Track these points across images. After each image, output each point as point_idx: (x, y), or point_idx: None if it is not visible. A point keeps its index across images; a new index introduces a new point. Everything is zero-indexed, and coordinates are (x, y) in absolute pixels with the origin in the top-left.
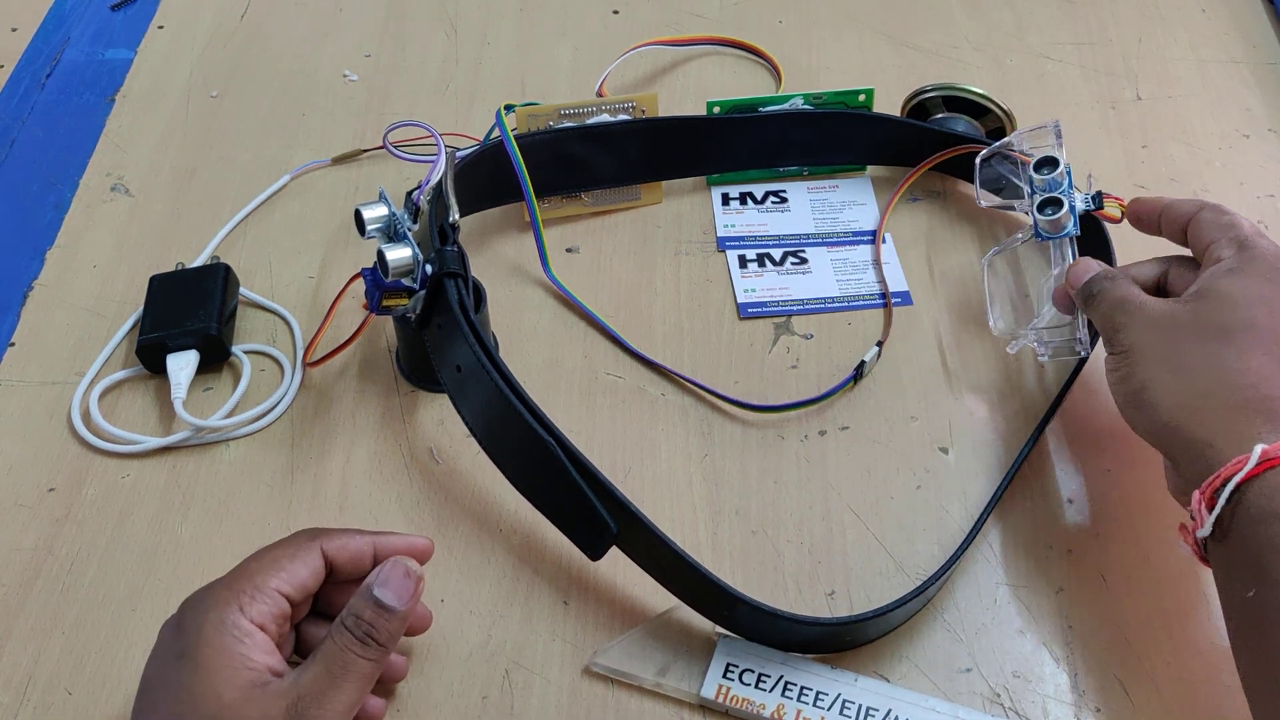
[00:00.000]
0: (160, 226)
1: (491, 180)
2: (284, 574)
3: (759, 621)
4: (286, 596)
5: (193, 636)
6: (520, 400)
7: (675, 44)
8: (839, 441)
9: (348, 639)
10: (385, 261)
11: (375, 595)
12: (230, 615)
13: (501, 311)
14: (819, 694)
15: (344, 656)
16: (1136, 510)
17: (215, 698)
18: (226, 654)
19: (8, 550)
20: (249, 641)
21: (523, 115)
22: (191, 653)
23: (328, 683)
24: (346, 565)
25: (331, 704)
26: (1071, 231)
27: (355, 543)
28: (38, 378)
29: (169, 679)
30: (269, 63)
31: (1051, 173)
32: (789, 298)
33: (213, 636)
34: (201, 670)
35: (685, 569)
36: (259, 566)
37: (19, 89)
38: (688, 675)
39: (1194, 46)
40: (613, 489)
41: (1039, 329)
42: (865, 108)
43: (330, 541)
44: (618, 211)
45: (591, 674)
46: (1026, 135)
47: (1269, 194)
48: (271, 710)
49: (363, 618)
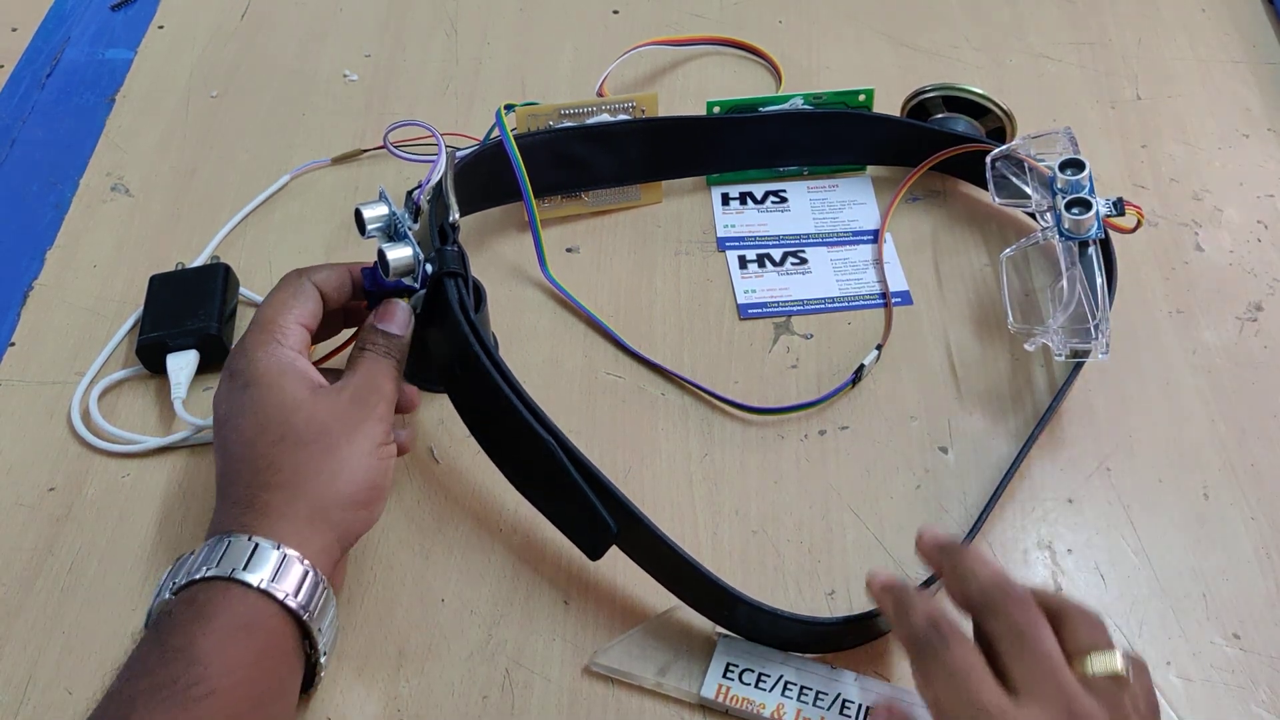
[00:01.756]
0: (160, 226)
1: (491, 180)
2: (295, 310)
3: (759, 621)
4: (304, 326)
5: (251, 370)
6: (520, 399)
7: (676, 44)
8: (839, 441)
9: (371, 351)
10: (386, 261)
11: (380, 328)
12: (272, 348)
13: (501, 311)
14: (819, 694)
15: (373, 359)
16: (1136, 509)
17: (287, 401)
18: (286, 371)
19: (8, 550)
20: (299, 362)
21: (523, 115)
22: (255, 379)
23: (370, 375)
24: (333, 293)
25: (379, 389)
26: (1095, 233)
27: (337, 272)
28: (38, 377)
29: (242, 404)
30: (269, 63)
31: (1078, 174)
32: (789, 298)
33: (269, 365)
34: (269, 387)
35: (686, 569)
36: (273, 312)
37: (19, 89)
38: (688, 675)
39: (1194, 46)
40: (613, 489)
41: (1057, 327)
42: (865, 108)
43: (316, 275)
44: (618, 211)
45: (591, 674)
46: (1034, 140)
47: (1269, 194)
48: (336, 401)
49: (378, 340)
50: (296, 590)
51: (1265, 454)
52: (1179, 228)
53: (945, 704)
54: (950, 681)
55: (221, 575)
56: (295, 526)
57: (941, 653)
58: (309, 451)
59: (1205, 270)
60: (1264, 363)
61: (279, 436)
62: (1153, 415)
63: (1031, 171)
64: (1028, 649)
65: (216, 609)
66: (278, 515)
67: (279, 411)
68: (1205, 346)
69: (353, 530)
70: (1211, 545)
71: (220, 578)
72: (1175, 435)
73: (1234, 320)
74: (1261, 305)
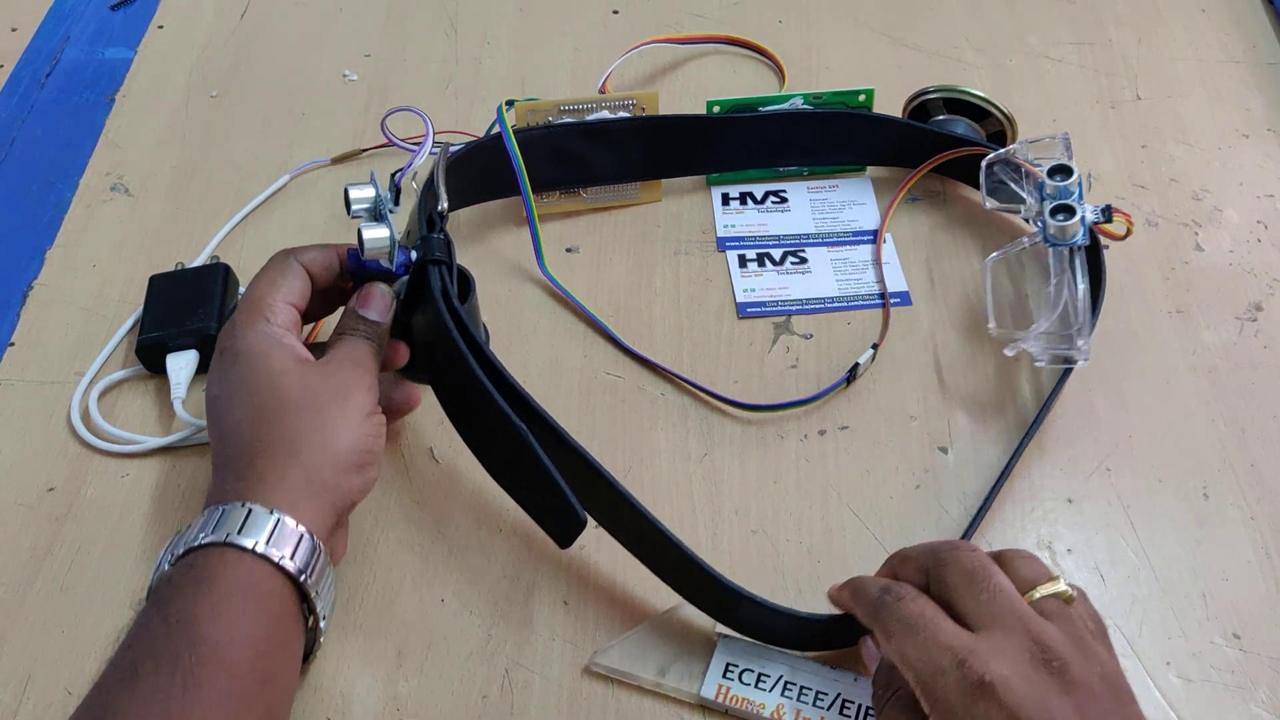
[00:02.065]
0: (160, 226)
1: (489, 173)
2: (284, 289)
3: (761, 617)
4: (293, 305)
5: (240, 345)
6: (496, 386)
7: (680, 42)
8: (839, 441)
9: (351, 335)
10: (362, 239)
11: (360, 314)
12: (260, 325)
13: (501, 309)
14: (819, 694)
15: (352, 341)
16: (1136, 509)
17: (276, 372)
18: (274, 346)
19: (8, 550)
20: (286, 338)
21: (523, 110)
22: (244, 354)
23: (351, 352)
24: (321, 273)
25: (361, 363)
26: (1080, 240)
27: (325, 253)
28: (37, 377)
29: (232, 380)
30: (269, 63)
31: (1066, 180)
32: (788, 297)
33: (257, 340)
34: (256, 359)
35: (689, 565)
36: (261, 291)
37: (19, 89)
38: (688, 675)
39: (1194, 46)
40: (597, 465)
41: (1038, 334)
42: (865, 108)
43: (303, 255)
44: (617, 209)
45: (591, 674)
46: (1032, 145)
47: (1269, 194)
48: (324, 371)
49: (357, 325)
50: (293, 553)
51: (1265, 454)
52: (1179, 228)
53: (911, 655)
54: (910, 630)
55: (218, 541)
56: (289, 492)
57: (896, 607)
58: (300, 418)
59: (1205, 270)
60: (1264, 363)
61: (269, 406)
62: (1153, 415)
63: (1028, 176)
64: (980, 585)
65: (214, 574)
66: (273, 481)
67: (269, 382)
68: (1205, 346)
69: (348, 495)
70: (1211, 545)
71: (216, 543)
72: (1175, 435)
73: (1234, 320)
74: (1261, 305)
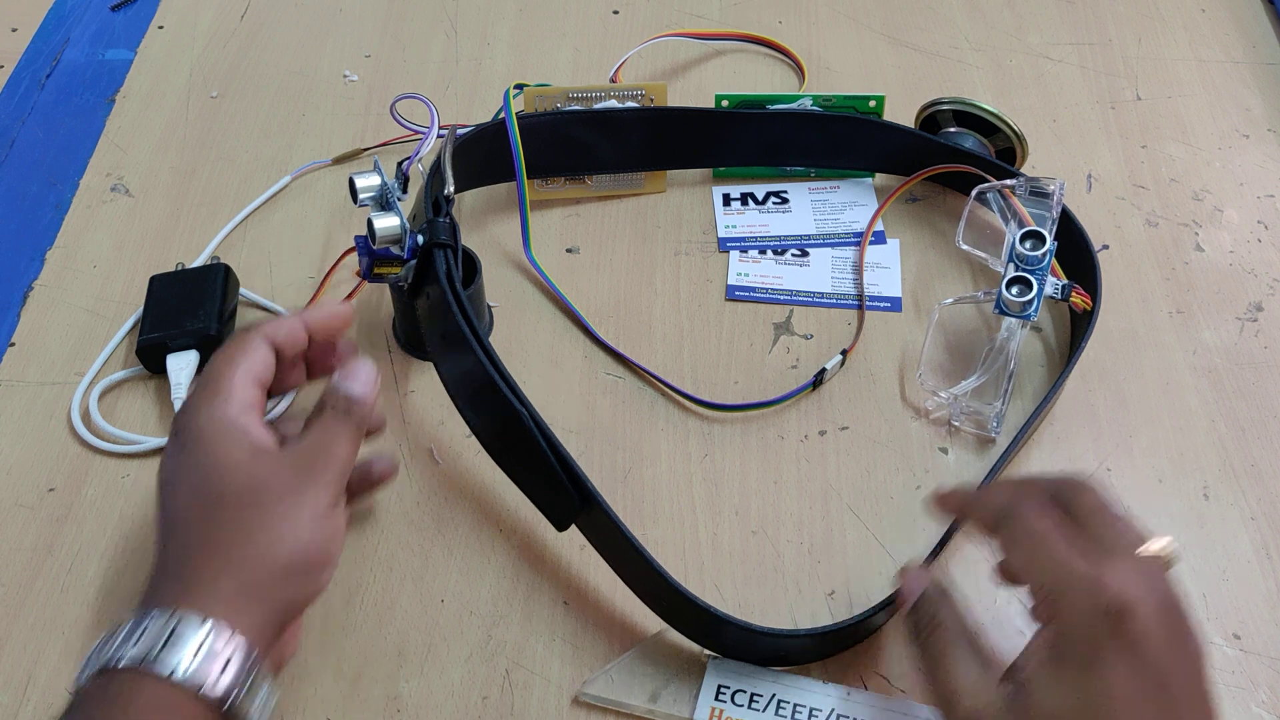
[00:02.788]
0: (160, 226)
1: (493, 157)
2: (243, 365)
3: (747, 640)
4: (255, 381)
5: (193, 432)
6: (498, 372)
7: (698, 37)
8: (839, 441)
9: (331, 412)
10: (373, 229)
11: (343, 389)
12: (215, 405)
13: (502, 310)
14: (812, 710)
15: (331, 421)
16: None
17: (223, 462)
18: (227, 431)
19: (8, 550)
20: (242, 421)
21: (531, 95)
22: (195, 440)
23: (323, 439)
24: (286, 345)
25: (330, 454)
26: (1031, 316)
27: (288, 323)
28: (38, 378)
29: (181, 466)
30: (269, 63)
31: (1036, 249)
32: (779, 286)
33: (209, 424)
34: (209, 447)
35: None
36: (219, 368)
37: (19, 89)
38: (679, 699)
39: (1194, 46)
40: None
41: (959, 396)
42: (875, 114)
43: (264, 327)
44: (620, 199)
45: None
46: (1027, 183)
47: (1269, 194)
48: (278, 464)
49: (338, 401)
50: (221, 671)
51: (1265, 454)
52: (1179, 228)
53: (1043, 566)
54: (1044, 543)
55: (134, 664)
56: (224, 599)
57: (1028, 519)
58: (241, 518)
59: (1205, 270)
60: (1264, 363)
61: (212, 501)
62: (1153, 415)
63: (1017, 218)
64: (1115, 517)
65: (129, 701)
66: (206, 584)
67: (214, 474)
68: (1205, 346)
69: (294, 601)
70: (1211, 545)
71: (132, 668)
72: (1175, 435)
73: (1234, 320)
74: (1261, 305)
